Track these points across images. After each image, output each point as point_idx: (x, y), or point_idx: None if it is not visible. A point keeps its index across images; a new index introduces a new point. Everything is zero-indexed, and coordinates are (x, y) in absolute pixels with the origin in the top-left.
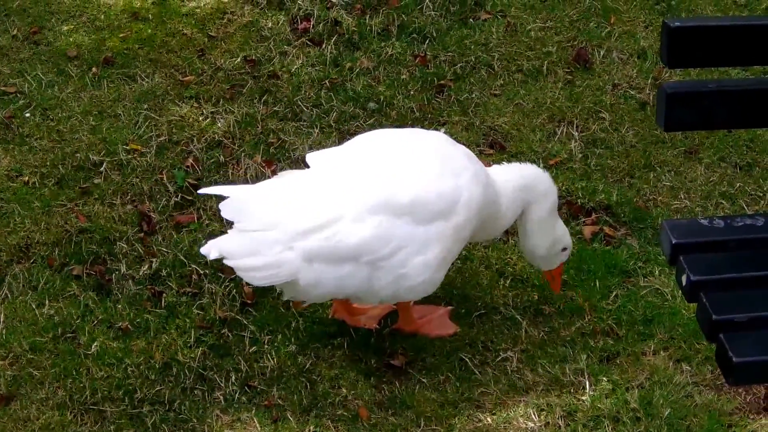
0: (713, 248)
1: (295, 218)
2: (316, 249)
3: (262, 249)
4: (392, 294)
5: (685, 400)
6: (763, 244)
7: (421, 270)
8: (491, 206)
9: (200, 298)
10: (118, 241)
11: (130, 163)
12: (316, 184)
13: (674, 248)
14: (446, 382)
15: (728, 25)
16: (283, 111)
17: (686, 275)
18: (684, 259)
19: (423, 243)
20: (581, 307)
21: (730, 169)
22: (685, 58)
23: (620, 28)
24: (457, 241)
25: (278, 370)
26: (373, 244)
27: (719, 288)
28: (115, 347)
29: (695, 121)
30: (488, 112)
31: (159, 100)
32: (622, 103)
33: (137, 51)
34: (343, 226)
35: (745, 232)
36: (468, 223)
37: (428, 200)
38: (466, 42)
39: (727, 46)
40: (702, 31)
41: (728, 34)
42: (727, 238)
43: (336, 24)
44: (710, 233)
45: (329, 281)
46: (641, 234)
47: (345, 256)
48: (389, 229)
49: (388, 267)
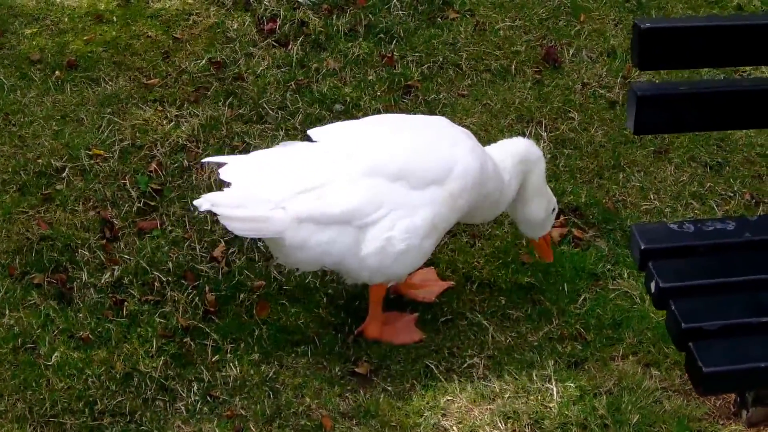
0: (683, 253)
1: (289, 179)
2: (307, 209)
3: (253, 203)
4: (378, 263)
5: (654, 405)
6: (733, 249)
7: (408, 233)
8: (492, 181)
9: (163, 306)
10: (80, 248)
11: (93, 168)
12: (315, 151)
13: (643, 254)
14: (411, 390)
15: (699, 26)
16: (248, 114)
17: (655, 282)
18: (653, 265)
19: (413, 207)
20: (549, 311)
21: (700, 169)
22: (656, 60)
23: (590, 26)
24: (451, 210)
25: (241, 379)
26: (364, 207)
27: (688, 295)
28: (75, 357)
29: (666, 123)
30: (456, 112)
31: (123, 104)
32: (592, 103)
33: (101, 54)
34: (336, 188)
35: (715, 237)
36: (464, 192)
37: (422, 165)
38: (434, 42)
39: (698, 47)
40: (673, 32)
41: (699, 35)
42: (697, 243)
43: (302, 25)
44: (680, 238)
45: (316, 244)
46: (610, 236)
47: (335, 218)
48: (382, 193)
49: (376, 230)
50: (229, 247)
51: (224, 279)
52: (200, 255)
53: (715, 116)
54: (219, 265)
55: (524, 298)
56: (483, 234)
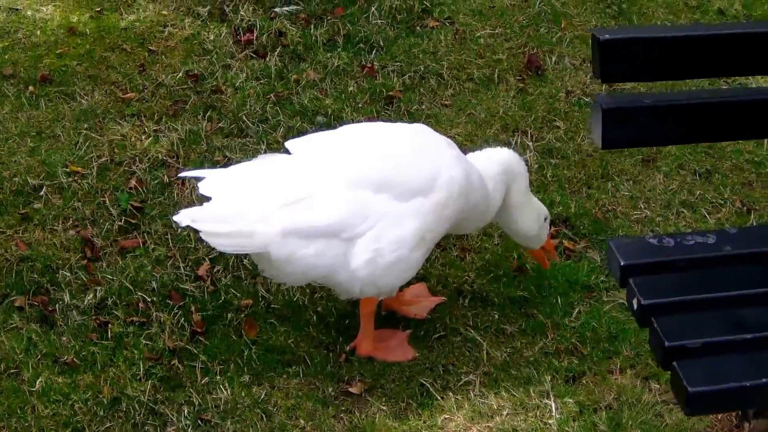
0: (663, 269)
1: (272, 192)
2: (292, 222)
3: (236, 218)
4: (369, 275)
5: (654, 420)
6: (714, 264)
7: (396, 245)
8: (478, 190)
9: (148, 328)
10: (61, 269)
11: (71, 186)
12: (295, 163)
13: (623, 270)
14: (407, 409)
15: (660, 36)
16: (228, 127)
17: (636, 299)
18: (633, 282)
19: (400, 218)
20: (544, 325)
21: (689, 177)
22: (617, 73)
23: (571, 33)
24: (438, 220)
25: (232, 401)
26: (350, 219)
27: (670, 312)
28: (61, 383)
29: (631, 138)
30: (440, 123)
31: (99, 119)
32: (577, 111)
33: (75, 68)
34: (321, 200)
35: (695, 252)
36: (450, 201)
37: (406, 176)
38: (415, 51)
39: (659, 58)
40: (633, 43)
41: (661, 47)
42: (677, 258)
43: (280, 35)
44: (660, 253)
45: (302, 257)
46: (602, 246)
47: (321, 230)
48: (367, 205)
49: (364, 242)
50: (214, 265)
51: (210, 298)
52: (185, 274)
53: (684, 129)
54: (204, 283)
55: (517, 312)
56: (473, 247)
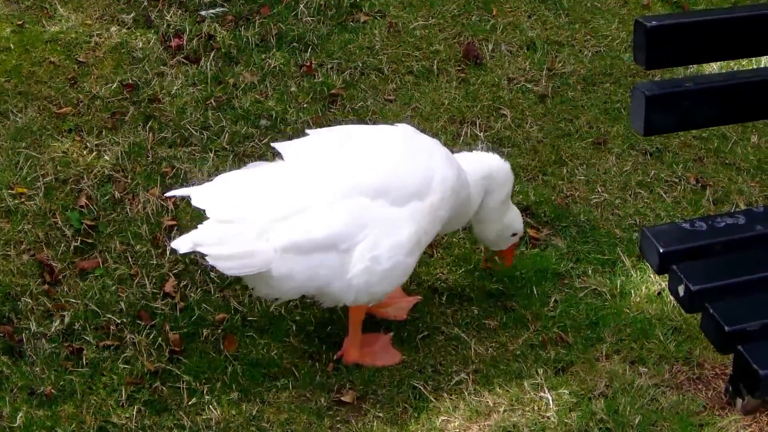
0: (701, 253)
1: (268, 207)
2: (291, 237)
3: (236, 238)
4: (365, 283)
5: (651, 404)
6: (749, 244)
7: (393, 251)
8: (465, 189)
9: (124, 351)
10: (22, 296)
11: (19, 208)
12: (288, 173)
13: (663, 257)
14: (404, 413)
15: (705, 20)
16: (171, 137)
17: (684, 285)
18: (678, 268)
19: (396, 223)
20: (523, 317)
21: (641, 157)
22: (664, 59)
23: (504, 19)
24: (434, 222)
25: (224, 421)
26: (349, 229)
27: (721, 296)
28: (41, 416)
29: (675, 122)
30: (386, 118)
31: (37, 137)
32: (521, 98)
33: (3, 84)
34: (318, 212)
35: (728, 233)
36: (444, 202)
37: (401, 181)
38: (351, 47)
39: (705, 41)
40: (681, 28)
41: (706, 30)
42: (711, 241)
43: (210, 38)
44: (694, 237)
45: (302, 271)
46: (566, 232)
47: (320, 243)
48: (364, 213)
49: (360, 250)
50: (179, 280)
51: (182, 315)
52: (151, 291)
53: (725, 111)
54: (174, 300)
55: (495, 305)
56: (440, 243)
